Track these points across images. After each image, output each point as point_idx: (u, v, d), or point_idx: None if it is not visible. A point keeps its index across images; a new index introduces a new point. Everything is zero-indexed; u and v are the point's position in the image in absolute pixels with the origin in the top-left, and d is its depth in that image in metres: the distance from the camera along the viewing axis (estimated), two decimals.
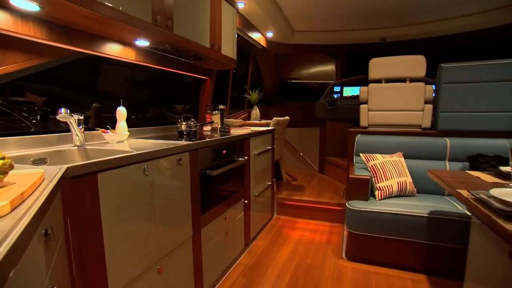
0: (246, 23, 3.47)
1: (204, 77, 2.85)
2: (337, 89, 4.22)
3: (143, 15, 1.54)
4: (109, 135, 1.66)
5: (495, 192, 1.21)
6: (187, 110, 2.95)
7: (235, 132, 2.38)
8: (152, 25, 1.60)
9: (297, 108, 4.85)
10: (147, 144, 1.57)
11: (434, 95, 2.69)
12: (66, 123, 1.38)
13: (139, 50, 1.95)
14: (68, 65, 1.76)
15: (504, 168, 1.67)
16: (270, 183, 2.98)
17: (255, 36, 3.81)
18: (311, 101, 4.13)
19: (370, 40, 4.39)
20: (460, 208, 2.06)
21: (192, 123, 2.21)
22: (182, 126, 2.19)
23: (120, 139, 1.70)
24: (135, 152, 1.19)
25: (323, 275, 2.09)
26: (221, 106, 3.02)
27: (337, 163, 3.93)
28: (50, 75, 1.67)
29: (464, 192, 1.38)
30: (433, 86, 2.68)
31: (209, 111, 2.85)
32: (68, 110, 1.35)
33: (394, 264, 2.16)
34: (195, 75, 2.71)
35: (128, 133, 1.78)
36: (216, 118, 2.84)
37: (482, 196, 1.24)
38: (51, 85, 1.71)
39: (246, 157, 2.29)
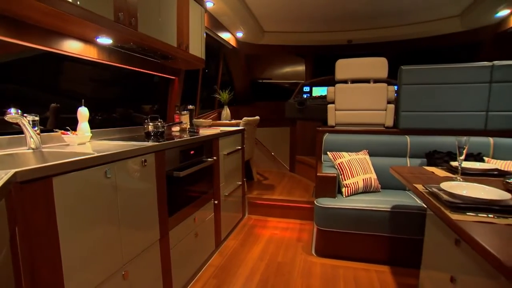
0: (216, 23, 3.45)
1: (172, 77, 2.79)
2: (306, 89, 4.32)
3: (104, 12, 1.48)
4: (69, 136, 1.58)
5: (444, 185, 1.31)
6: (155, 111, 2.88)
7: (204, 132, 2.36)
8: (115, 23, 1.55)
9: (268, 108, 4.90)
10: (110, 145, 1.51)
11: (396, 95, 2.84)
12: (18, 124, 1.30)
13: (101, 48, 1.87)
14: (22, 62, 1.65)
15: (453, 163, 1.80)
16: (241, 183, 2.98)
17: (225, 36, 3.80)
18: (283, 101, 4.19)
19: (337, 42, 4.54)
20: (419, 202, 2.19)
21: (159, 123, 2.15)
22: (149, 127, 2.13)
23: (82, 140, 1.62)
24: (95, 154, 1.15)
25: (293, 272, 2.13)
26: (191, 106, 2.98)
27: (307, 162, 4.02)
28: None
29: (419, 187, 1.48)
30: (395, 87, 2.83)
31: (178, 112, 2.81)
32: (20, 110, 1.27)
33: (360, 258, 2.25)
34: (163, 75, 2.65)
35: (91, 134, 1.70)
36: (185, 118, 2.80)
37: (434, 189, 1.33)
38: (2, 82, 1.59)
39: (215, 157, 2.28)
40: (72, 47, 1.67)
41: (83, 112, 1.71)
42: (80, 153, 1.18)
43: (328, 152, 2.58)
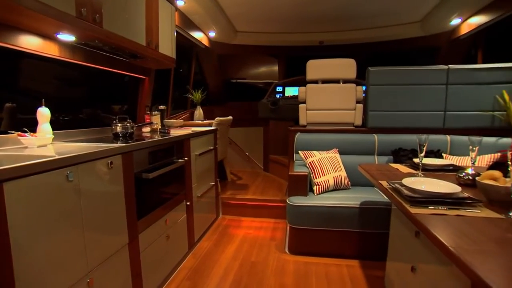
0: (187, 22, 3.41)
1: (142, 76, 2.72)
2: (279, 89, 4.38)
3: (65, 7, 1.41)
4: (27, 138, 1.49)
5: (405, 181, 1.38)
6: (125, 111, 2.80)
7: (175, 133, 2.32)
8: (77, 18, 1.48)
9: (242, 108, 4.91)
10: (73, 147, 1.44)
11: (364, 95, 2.94)
12: None
13: (63, 45, 1.78)
14: None
15: (416, 160, 1.90)
16: (214, 183, 2.96)
17: (197, 35, 3.76)
18: (257, 100, 4.21)
19: (309, 43, 4.63)
20: (385, 198, 2.29)
21: (128, 124, 2.09)
22: (118, 127, 2.06)
23: (42, 143, 1.54)
24: (55, 157, 1.09)
25: (266, 270, 2.15)
26: (162, 107, 2.93)
27: (280, 161, 4.07)
28: None
29: (384, 183, 1.54)
30: (363, 87, 2.93)
31: (148, 112, 2.74)
32: None
33: (331, 254, 2.31)
34: (132, 74, 2.57)
35: (53, 136, 1.62)
36: (156, 119, 2.74)
37: (397, 185, 1.40)
38: None
39: (186, 158, 2.25)
40: (30, 43, 1.58)
41: (43, 113, 1.62)
42: (37, 156, 1.12)
43: (299, 151, 2.62)
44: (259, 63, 5.55)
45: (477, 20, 3.17)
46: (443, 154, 2.53)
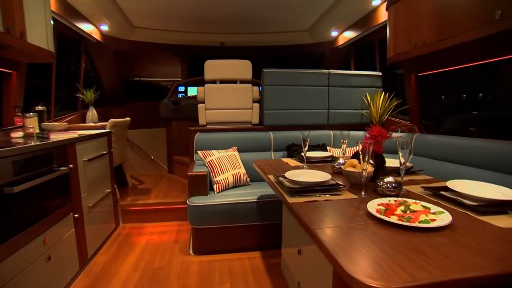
0: (71, 11, 3.01)
1: (8, 70, 2.28)
2: (181, 89, 4.29)
3: None
4: None
5: (288, 174, 1.54)
6: None
7: (56, 137, 2.03)
8: None
9: (145, 108, 4.63)
10: None
11: (260, 95, 3.14)
12: None
13: None
14: None
15: (303, 154, 2.14)
16: (111, 190, 2.71)
17: (86, 27, 3.36)
18: (160, 100, 4.03)
19: (211, 43, 4.68)
20: None
21: None
22: None
23: None
24: None
25: (169, 275, 2.09)
26: (40, 108, 2.52)
27: (183, 162, 4.00)
28: None
29: (271, 177, 1.68)
30: (260, 87, 3.12)
31: (20, 114, 2.32)
32: None
33: (234, 249, 2.39)
34: None
35: None
36: (33, 121, 2.35)
37: (280, 178, 1.54)
38: None
39: (71, 165, 1.99)
40: None
41: None
42: None
43: (198, 151, 2.63)
44: (163, 61, 5.31)
45: (349, 34, 3.78)
46: (327, 147, 2.92)
